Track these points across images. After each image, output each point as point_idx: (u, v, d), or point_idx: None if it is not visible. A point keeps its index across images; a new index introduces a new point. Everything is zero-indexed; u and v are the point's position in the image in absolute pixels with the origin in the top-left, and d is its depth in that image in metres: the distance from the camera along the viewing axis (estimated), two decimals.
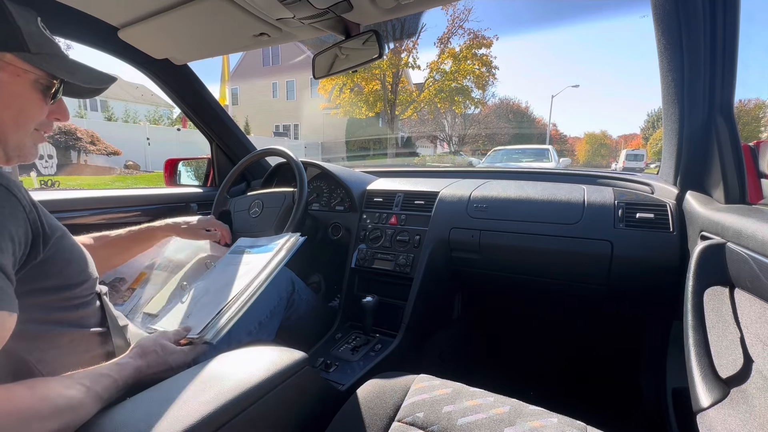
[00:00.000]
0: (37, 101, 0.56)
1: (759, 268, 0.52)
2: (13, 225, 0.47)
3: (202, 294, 0.85)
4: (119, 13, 1.01)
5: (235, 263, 0.93)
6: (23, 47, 0.52)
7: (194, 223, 1.05)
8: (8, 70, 0.52)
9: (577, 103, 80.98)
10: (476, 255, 1.17)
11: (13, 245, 0.46)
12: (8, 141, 0.54)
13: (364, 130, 20.64)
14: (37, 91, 0.55)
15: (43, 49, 0.55)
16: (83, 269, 0.60)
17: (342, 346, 1.13)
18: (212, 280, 0.90)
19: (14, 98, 0.54)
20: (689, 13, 0.76)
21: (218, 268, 0.94)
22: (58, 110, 0.60)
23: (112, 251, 0.93)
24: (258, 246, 0.97)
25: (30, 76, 0.54)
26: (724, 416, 0.52)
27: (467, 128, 26.12)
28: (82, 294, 0.59)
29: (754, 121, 25.96)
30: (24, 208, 0.49)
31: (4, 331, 0.44)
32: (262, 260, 0.88)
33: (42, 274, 0.53)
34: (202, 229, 1.06)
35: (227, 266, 0.93)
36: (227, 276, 0.87)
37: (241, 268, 0.89)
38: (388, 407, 0.65)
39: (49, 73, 0.56)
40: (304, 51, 19.11)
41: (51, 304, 0.54)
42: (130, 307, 0.93)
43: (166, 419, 0.47)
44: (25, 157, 0.57)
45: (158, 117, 23.06)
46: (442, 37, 17.55)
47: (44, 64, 0.54)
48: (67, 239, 0.58)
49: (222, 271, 0.92)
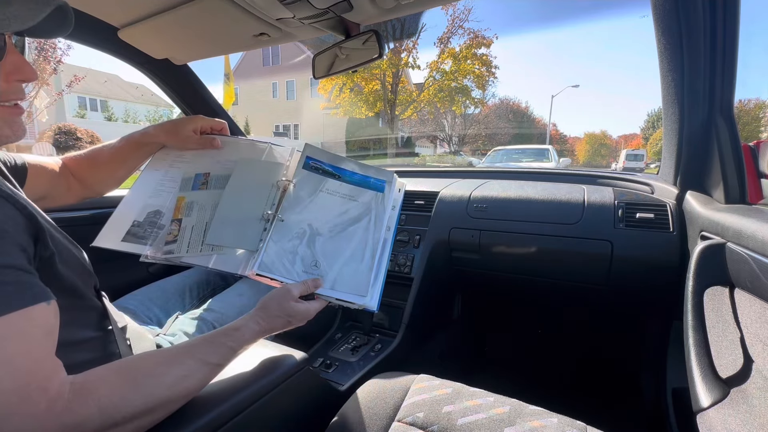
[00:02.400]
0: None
1: (759, 268, 0.52)
2: (9, 225, 0.43)
3: (313, 231, 0.69)
4: (119, 13, 1.01)
5: (332, 192, 0.73)
6: None
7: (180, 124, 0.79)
8: None
9: (577, 103, 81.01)
10: (476, 255, 1.17)
11: (17, 243, 0.43)
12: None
13: (364, 130, 20.65)
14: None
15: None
16: (82, 269, 0.60)
17: (342, 346, 1.13)
18: (314, 212, 0.71)
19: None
20: (689, 13, 0.76)
21: (307, 195, 0.72)
22: (13, 69, 0.48)
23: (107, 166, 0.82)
24: (351, 173, 0.77)
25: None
26: (724, 416, 0.52)
27: (467, 128, 26.13)
28: (82, 295, 0.59)
29: (754, 121, 25.96)
30: (15, 205, 0.45)
31: (51, 321, 0.43)
32: (375, 201, 0.73)
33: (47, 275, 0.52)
34: (192, 133, 0.79)
35: (324, 196, 0.73)
36: (334, 211, 0.71)
37: (348, 203, 0.73)
38: (388, 407, 0.65)
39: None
40: (304, 51, 19.10)
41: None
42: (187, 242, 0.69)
43: (167, 419, 0.47)
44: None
45: (158, 117, 23.05)
46: (442, 37, 17.58)
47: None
48: (64, 239, 0.58)
49: (320, 203, 0.72)
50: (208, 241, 0.68)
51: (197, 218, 0.72)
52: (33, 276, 0.43)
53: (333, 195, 0.73)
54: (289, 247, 0.67)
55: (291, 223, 0.69)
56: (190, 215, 0.73)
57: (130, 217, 0.74)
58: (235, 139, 0.85)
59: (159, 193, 0.77)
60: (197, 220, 0.72)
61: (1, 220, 0.42)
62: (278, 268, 0.65)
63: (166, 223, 0.73)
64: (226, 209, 0.71)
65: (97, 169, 0.81)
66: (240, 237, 0.68)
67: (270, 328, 0.58)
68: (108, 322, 0.62)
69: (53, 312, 0.43)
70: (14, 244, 0.42)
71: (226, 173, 0.77)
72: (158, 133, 0.81)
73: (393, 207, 0.76)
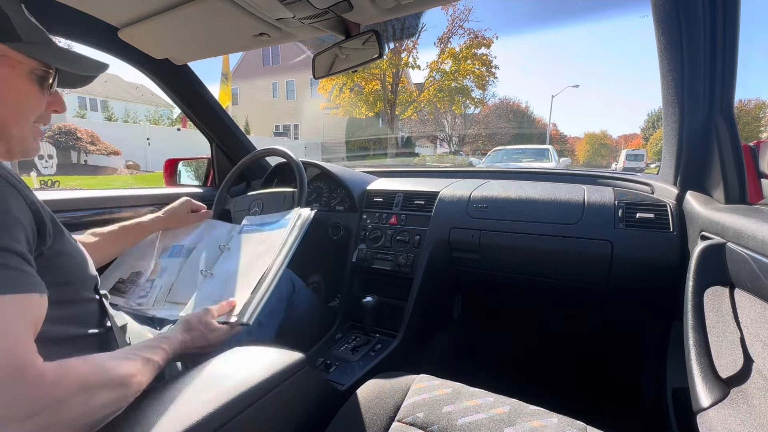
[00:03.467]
0: (34, 92, 0.55)
1: (759, 268, 0.51)
2: (21, 215, 0.47)
3: (228, 277, 0.87)
4: (119, 13, 1.01)
5: (251, 242, 0.93)
6: (14, 37, 0.51)
7: (177, 208, 1.05)
8: (4, 62, 0.51)
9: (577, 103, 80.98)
10: (476, 255, 1.17)
11: (25, 233, 0.47)
12: (11, 135, 0.54)
13: (364, 130, 20.64)
14: (33, 82, 0.55)
15: (34, 38, 0.53)
16: (83, 267, 0.60)
17: (342, 346, 1.13)
18: (233, 262, 0.91)
19: (12, 91, 0.53)
20: (689, 13, 0.76)
21: (235, 250, 0.95)
22: (55, 101, 0.60)
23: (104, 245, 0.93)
24: (269, 223, 0.97)
25: (24, 68, 0.53)
26: (724, 416, 0.52)
27: (467, 128, 26.12)
28: (82, 292, 0.59)
29: (754, 121, 25.96)
30: (25, 199, 0.49)
31: (40, 312, 0.45)
32: (278, 237, 0.89)
33: (44, 268, 0.52)
34: (187, 213, 1.08)
35: (244, 246, 0.93)
36: (248, 257, 0.89)
37: (258, 247, 0.90)
38: (388, 407, 0.65)
39: (44, 63, 0.55)
40: (304, 51, 19.11)
41: (52, 299, 0.54)
42: (154, 298, 0.93)
43: (167, 419, 0.47)
44: (27, 152, 0.57)
45: (158, 117, 23.06)
46: (442, 37, 17.57)
47: (38, 53, 0.53)
48: (66, 236, 0.59)
49: (240, 253, 0.92)
50: (169, 299, 0.91)
51: (165, 281, 0.95)
52: (32, 267, 0.46)
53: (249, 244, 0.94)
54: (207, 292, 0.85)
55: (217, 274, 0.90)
56: (161, 277, 0.95)
57: (117, 275, 0.97)
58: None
59: (143, 257, 1.00)
60: (165, 282, 0.94)
61: (15, 208, 0.46)
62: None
63: (142, 281, 0.95)
64: (185, 273, 0.95)
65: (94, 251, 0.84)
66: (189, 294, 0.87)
67: (191, 339, 0.66)
68: (108, 320, 0.63)
69: (43, 306, 0.46)
70: (24, 234, 0.46)
71: (194, 244, 1.02)
72: (154, 225, 1.02)
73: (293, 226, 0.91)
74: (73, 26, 1.04)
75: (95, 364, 0.47)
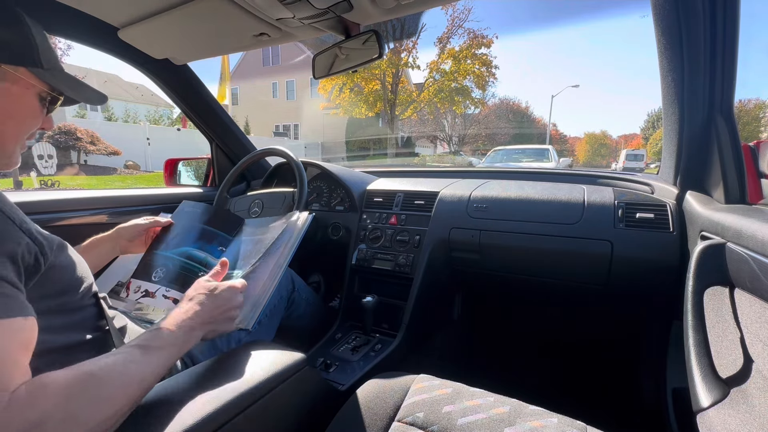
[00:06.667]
0: (38, 113, 0.58)
1: (759, 268, 0.51)
2: (9, 242, 0.46)
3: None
4: (119, 13, 1.01)
5: (249, 246, 0.90)
6: (37, 63, 0.54)
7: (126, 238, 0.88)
8: (20, 84, 0.54)
9: (577, 103, 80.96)
10: (476, 255, 1.17)
11: (12, 261, 0.46)
12: (6, 149, 0.56)
13: (364, 130, 20.64)
14: (39, 103, 0.57)
15: (52, 63, 0.57)
16: (80, 274, 0.61)
17: (342, 346, 1.13)
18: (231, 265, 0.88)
19: (21, 110, 0.55)
20: (689, 12, 0.76)
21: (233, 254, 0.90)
22: (47, 120, 0.62)
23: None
24: (267, 226, 0.95)
25: (35, 90, 0.56)
26: (724, 416, 0.52)
27: (467, 128, 26.12)
28: (80, 298, 0.60)
29: (754, 121, 25.98)
30: (14, 222, 0.48)
31: (26, 335, 0.44)
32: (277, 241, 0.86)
33: (44, 282, 0.53)
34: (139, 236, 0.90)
35: (242, 250, 0.90)
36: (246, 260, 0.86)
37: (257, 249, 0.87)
38: (388, 407, 0.65)
39: (54, 88, 0.58)
40: (304, 51, 19.13)
41: (52, 309, 0.54)
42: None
43: (167, 418, 0.47)
44: (13, 164, 0.59)
45: (158, 117, 23.03)
46: (442, 37, 17.58)
47: (53, 80, 0.57)
48: (63, 247, 0.59)
49: (239, 256, 0.89)
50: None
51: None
52: (20, 292, 0.45)
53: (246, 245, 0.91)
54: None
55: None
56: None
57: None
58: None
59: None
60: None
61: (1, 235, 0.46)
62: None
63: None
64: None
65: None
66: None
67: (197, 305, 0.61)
68: (105, 323, 0.63)
69: (31, 327, 0.45)
70: (7, 258, 0.45)
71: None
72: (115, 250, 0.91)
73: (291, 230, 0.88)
74: (73, 26, 1.04)
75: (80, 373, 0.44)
